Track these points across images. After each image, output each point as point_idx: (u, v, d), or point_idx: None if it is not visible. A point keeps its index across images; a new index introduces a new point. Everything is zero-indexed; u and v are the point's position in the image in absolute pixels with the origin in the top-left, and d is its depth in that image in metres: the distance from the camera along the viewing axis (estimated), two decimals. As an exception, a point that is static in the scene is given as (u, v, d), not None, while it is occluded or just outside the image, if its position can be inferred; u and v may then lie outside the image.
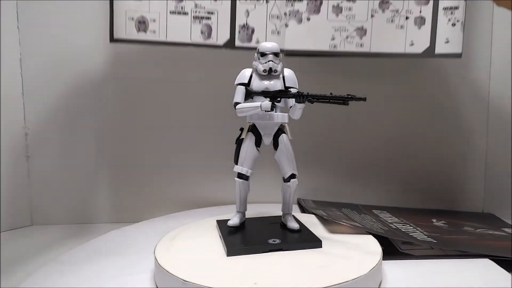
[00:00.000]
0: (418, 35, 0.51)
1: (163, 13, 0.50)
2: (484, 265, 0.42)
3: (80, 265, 0.43)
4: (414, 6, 0.51)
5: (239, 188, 0.44)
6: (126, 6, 0.50)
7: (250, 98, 0.43)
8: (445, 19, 0.51)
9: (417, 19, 0.51)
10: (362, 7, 0.52)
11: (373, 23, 0.52)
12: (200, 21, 0.51)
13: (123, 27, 0.50)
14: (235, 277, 0.35)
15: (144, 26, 0.50)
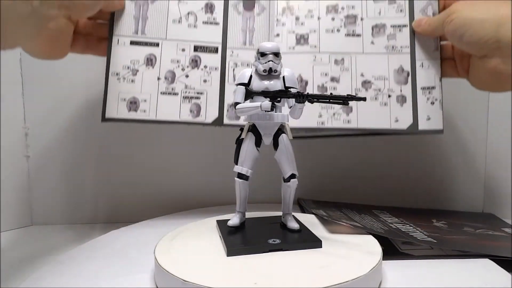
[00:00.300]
0: (401, 112, 0.53)
1: (154, 94, 0.53)
2: (484, 265, 0.42)
3: (80, 265, 0.43)
4: (394, 85, 0.54)
5: (239, 188, 0.44)
6: (119, 87, 0.52)
7: (250, 98, 0.43)
8: (424, 98, 0.53)
9: (399, 97, 0.53)
10: (346, 86, 0.54)
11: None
12: (190, 101, 0.53)
13: (115, 107, 0.52)
14: (235, 277, 0.35)
15: (135, 106, 0.52)
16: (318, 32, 0.55)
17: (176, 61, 0.54)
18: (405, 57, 0.54)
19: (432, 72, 0.54)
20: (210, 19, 0.55)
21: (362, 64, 0.54)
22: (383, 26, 0.55)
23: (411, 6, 0.54)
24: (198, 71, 0.54)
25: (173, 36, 0.54)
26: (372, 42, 0.55)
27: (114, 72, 0.52)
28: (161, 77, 0.53)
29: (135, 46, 0.53)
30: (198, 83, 0.53)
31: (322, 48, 0.55)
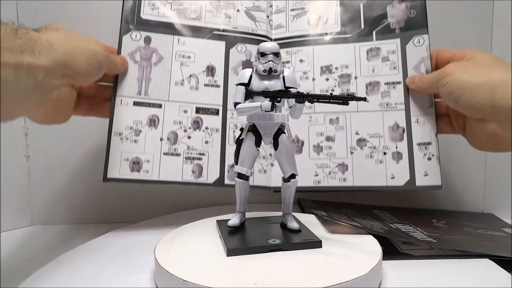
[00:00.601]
0: (397, 169, 0.53)
1: (157, 154, 0.53)
2: (484, 265, 0.42)
3: (80, 265, 0.43)
4: (390, 142, 0.54)
5: (239, 188, 0.44)
6: (122, 147, 0.52)
7: (250, 98, 0.43)
8: (420, 154, 0.53)
9: (394, 154, 0.54)
10: (341, 145, 0.55)
11: (353, 159, 0.54)
12: (192, 162, 0.54)
13: (117, 167, 0.52)
14: (235, 277, 0.35)
15: (138, 166, 0.52)
16: (313, 91, 0.57)
17: (178, 122, 0.54)
18: (400, 113, 0.54)
19: (428, 128, 0.53)
20: (211, 81, 0.56)
21: (356, 122, 0.55)
22: (377, 84, 0.55)
23: (404, 63, 0.55)
24: (200, 132, 0.55)
25: (175, 97, 0.55)
26: (366, 100, 0.55)
27: (117, 132, 0.53)
28: (164, 137, 0.54)
29: (138, 107, 0.54)
30: (200, 144, 0.54)
31: (317, 109, 0.56)
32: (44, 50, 0.37)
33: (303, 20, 0.59)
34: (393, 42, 0.56)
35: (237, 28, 0.58)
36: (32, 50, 0.36)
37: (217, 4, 0.58)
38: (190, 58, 0.56)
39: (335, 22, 0.58)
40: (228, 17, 0.58)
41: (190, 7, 0.57)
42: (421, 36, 0.55)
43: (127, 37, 0.55)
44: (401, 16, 0.56)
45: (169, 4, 0.57)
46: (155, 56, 0.55)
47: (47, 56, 0.37)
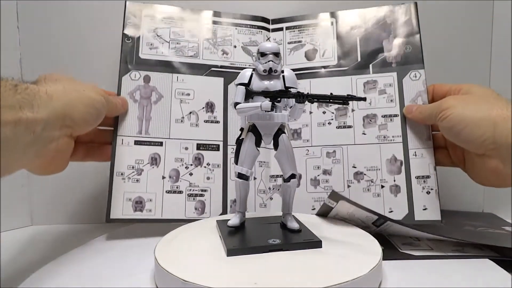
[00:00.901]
0: (395, 203, 0.53)
1: (159, 193, 0.53)
2: (484, 265, 0.42)
3: (80, 265, 0.43)
4: (387, 175, 0.54)
5: (239, 188, 0.44)
6: (124, 187, 0.53)
7: (250, 98, 0.43)
8: (419, 187, 0.53)
9: (392, 187, 0.53)
10: (338, 178, 0.55)
11: (350, 192, 0.54)
12: (194, 198, 0.54)
13: (120, 207, 0.52)
14: (235, 277, 0.35)
15: (141, 206, 0.53)
16: (310, 126, 0.57)
17: (179, 159, 0.55)
18: (398, 146, 0.54)
19: (426, 161, 0.53)
20: (211, 117, 0.57)
21: (353, 155, 0.55)
22: (374, 117, 0.56)
23: (401, 96, 0.55)
24: (201, 168, 0.55)
25: (176, 135, 0.55)
26: (363, 132, 0.55)
27: (119, 172, 0.53)
28: (166, 175, 0.54)
29: (140, 145, 0.54)
30: (201, 180, 0.55)
31: (314, 142, 0.57)
32: (43, 103, 0.37)
33: (300, 53, 0.60)
34: (390, 76, 0.56)
35: (234, 64, 0.59)
36: (32, 104, 0.36)
37: (214, 42, 0.59)
38: (189, 95, 0.56)
39: (332, 55, 0.59)
40: (225, 53, 0.59)
41: (188, 45, 0.58)
42: (417, 70, 0.55)
43: (126, 77, 0.55)
44: (397, 51, 0.57)
45: (167, 43, 0.58)
46: (154, 95, 0.56)
47: (46, 109, 0.38)
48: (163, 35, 0.58)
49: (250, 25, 0.61)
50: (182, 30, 0.59)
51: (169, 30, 0.58)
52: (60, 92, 0.40)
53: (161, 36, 0.57)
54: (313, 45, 0.60)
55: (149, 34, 0.57)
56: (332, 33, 0.60)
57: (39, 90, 0.38)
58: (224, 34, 0.60)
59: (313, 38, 0.60)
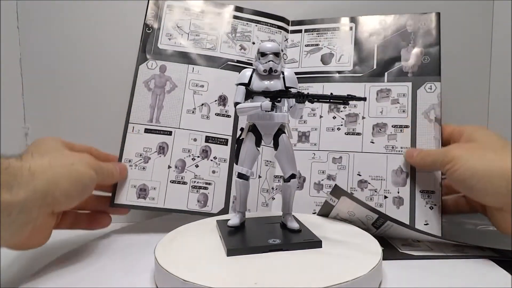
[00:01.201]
0: (397, 215, 0.51)
1: (164, 182, 0.54)
2: (484, 265, 0.42)
3: (80, 265, 0.43)
4: (391, 186, 0.53)
5: (239, 188, 0.44)
6: (130, 174, 0.53)
7: (251, 98, 0.43)
8: (422, 202, 0.52)
9: (396, 199, 0.52)
10: (342, 185, 0.54)
11: None
12: (198, 191, 0.54)
13: (125, 193, 0.53)
14: (235, 277, 0.35)
15: (144, 194, 0.53)
16: (319, 130, 0.57)
17: (187, 150, 0.55)
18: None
19: (432, 176, 0.52)
20: (222, 111, 0.57)
21: (359, 162, 0.55)
22: (384, 126, 0.55)
23: (414, 108, 0.54)
24: (208, 161, 0.55)
25: (186, 125, 0.55)
26: (372, 141, 0.55)
27: (127, 159, 0.54)
28: (172, 165, 0.54)
29: (149, 134, 0.54)
30: (207, 173, 0.55)
31: (321, 146, 0.56)
32: (24, 182, 0.36)
33: (317, 57, 0.60)
34: (405, 85, 0.55)
35: (251, 60, 0.58)
36: (11, 185, 0.35)
37: (233, 36, 0.59)
38: (203, 87, 0.57)
39: (348, 60, 0.59)
40: (243, 48, 0.59)
41: (207, 37, 0.58)
42: (433, 83, 0.54)
43: (143, 66, 0.56)
44: (414, 61, 0.56)
45: (186, 34, 0.58)
46: (168, 84, 0.56)
47: (26, 189, 0.36)
48: (183, 27, 0.58)
49: (270, 23, 0.61)
50: (203, 23, 0.59)
51: (190, 22, 0.59)
52: (44, 167, 0.38)
53: (181, 28, 0.58)
54: (330, 49, 0.60)
55: (170, 24, 0.58)
56: (350, 38, 0.60)
57: (22, 167, 0.37)
58: (244, 29, 0.60)
59: (330, 42, 0.60)
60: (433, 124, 0.53)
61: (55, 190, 0.38)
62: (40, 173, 0.38)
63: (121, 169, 0.52)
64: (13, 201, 0.35)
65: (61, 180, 0.39)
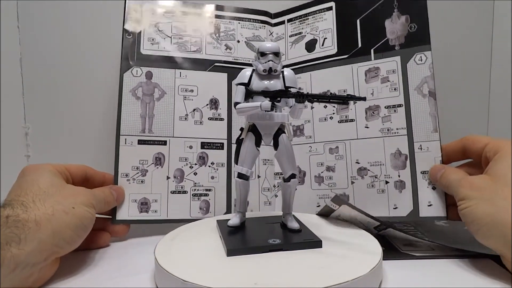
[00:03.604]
0: (400, 199, 0.51)
1: (164, 193, 0.53)
2: (484, 265, 0.42)
3: (80, 265, 0.43)
4: (392, 171, 0.52)
5: (239, 188, 0.44)
6: (129, 188, 0.53)
7: (250, 98, 0.43)
8: (424, 183, 0.50)
9: (397, 183, 0.51)
10: (342, 175, 0.54)
11: (354, 189, 0.53)
12: (199, 198, 0.54)
13: (126, 208, 0.52)
14: (235, 277, 0.35)
15: (146, 207, 0.53)
16: (312, 122, 0.56)
17: (184, 159, 0.54)
18: (402, 139, 0.51)
19: (432, 155, 0.50)
20: (215, 115, 0.56)
21: (356, 150, 0.54)
22: (377, 108, 0.53)
23: (406, 84, 0.52)
24: (206, 168, 0.55)
25: (180, 133, 0.55)
26: (366, 126, 0.53)
27: (124, 174, 0.53)
28: (171, 176, 0.54)
29: (143, 145, 0.53)
30: (206, 180, 0.54)
31: (316, 138, 0.56)
32: (31, 234, 0.36)
33: (301, 46, 0.59)
34: (393, 61, 0.53)
35: (238, 59, 0.58)
36: (19, 239, 0.35)
37: (217, 36, 0.58)
38: (193, 91, 0.56)
39: (332, 43, 0.57)
40: (229, 48, 0.58)
41: (190, 39, 0.57)
42: (423, 53, 0.51)
43: (128, 74, 0.54)
44: (401, 31, 0.53)
45: (168, 38, 0.57)
46: (157, 91, 0.55)
47: (32, 242, 0.36)
48: (165, 30, 0.57)
49: (253, 19, 0.60)
50: (184, 25, 0.57)
51: (171, 24, 0.57)
52: (48, 216, 0.38)
53: (163, 31, 0.57)
54: (313, 35, 0.58)
55: (150, 29, 0.56)
56: (332, 18, 0.57)
57: (28, 220, 0.36)
58: (227, 28, 0.59)
59: (313, 28, 0.59)
60: (428, 99, 0.51)
61: (59, 239, 0.38)
62: (45, 224, 0.37)
63: (118, 194, 0.51)
64: (21, 255, 0.35)
65: (65, 229, 0.39)
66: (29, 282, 0.37)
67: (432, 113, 0.51)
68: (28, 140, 0.63)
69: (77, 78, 0.64)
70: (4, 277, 0.34)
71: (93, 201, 0.44)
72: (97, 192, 0.47)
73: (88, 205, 0.43)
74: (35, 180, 0.42)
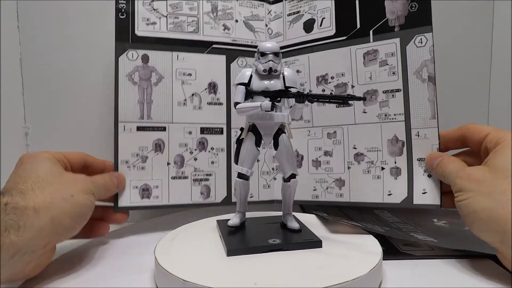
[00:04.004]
0: (395, 185, 0.50)
1: (165, 179, 0.53)
2: (484, 265, 0.42)
3: (80, 265, 0.43)
4: (388, 157, 0.51)
5: (239, 188, 0.44)
6: (130, 175, 0.52)
7: (250, 98, 0.43)
8: (420, 170, 0.50)
9: (393, 169, 0.51)
10: (339, 160, 0.54)
11: (350, 174, 0.53)
12: (200, 183, 0.54)
13: (128, 195, 0.52)
14: (235, 277, 0.35)
15: (148, 193, 0.53)
16: (311, 106, 0.56)
17: (184, 144, 0.54)
18: (400, 125, 0.51)
19: (429, 142, 0.49)
20: (214, 99, 0.56)
21: (354, 135, 0.53)
22: (375, 93, 0.52)
23: (404, 67, 0.50)
24: (206, 153, 0.55)
25: (179, 119, 0.54)
26: (364, 111, 0.53)
27: (124, 161, 0.52)
28: (171, 162, 0.54)
29: (142, 131, 0.53)
30: (206, 165, 0.55)
31: (315, 122, 0.56)
32: (30, 222, 0.36)
33: (299, 26, 0.58)
34: (392, 43, 0.51)
35: (236, 41, 0.57)
36: (18, 226, 0.35)
37: (215, 16, 0.57)
38: (191, 75, 0.55)
39: (330, 24, 0.55)
40: (227, 28, 0.57)
41: (187, 19, 0.56)
42: (423, 35, 0.49)
43: (123, 57, 0.53)
44: (401, 11, 0.50)
45: (164, 18, 0.55)
46: (154, 76, 0.54)
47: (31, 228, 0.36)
48: (160, 9, 0.55)
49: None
50: (180, 3, 0.55)
51: (166, 2, 0.55)
52: (47, 204, 0.38)
53: (158, 10, 0.55)
54: (311, 15, 0.57)
55: (144, 7, 0.54)
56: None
57: (27, 207, 0.36)
58: (225, 6, 0.57)
59: (311, 6, 0.57)
60: (427, 84, 0.49)
61: (58, 227, 0.39)
62: (44, 211, 0.37)
63: (118, 180, 0.51)
64: (20, 242, 0.35)
65: (64, 217, 0.39)
66: (28, 270, 0.37)
67: (431, 99, 0.49)
68: (28, 140, 0.63)
69: (77, 79, 0.64)
70: (4, 264, 0.34)
71: (92, 188, 0.44)
72: (97, 179, 0.47)
73: (87, 192, 0.43)
74: (33, 168, 0.42)
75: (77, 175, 0.45)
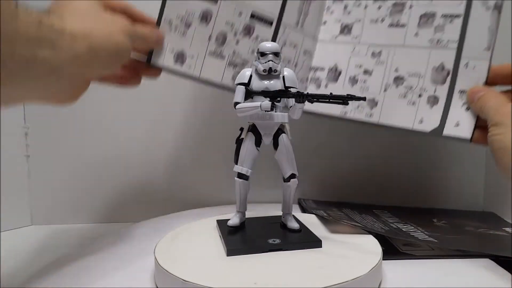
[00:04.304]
0: (428, 114, 0.49)
1: (202, 53, 0.51)
2: (484, 265, 0.42)
3: (80, 265, 0.43)
4: (429, 84, 0.49)
5: (239, 188, 0.44)
6: (169, 37, 0.50)
7: (250, 98, 0.43)
8: (459, 102, 0.48)
9: (431, 98, 0.49)
10: (377, 80, 0.52)
11: (385, 96, 0.51)
12: (234, 68, 0.52)
13: (162, 55, 0.50)
14: (235, 277, 0.35)
15: (182, 59, 0.50)
16: (363, 22, 0.53)
17: (230, 24, 0.51)
18: (450, 53, 0.48)
19: (476, 75, 0.47)
20: None
21: (399, 58, 0.51)
22: (433, 16, 0.49)
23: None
24: (249, 41, 0.52)
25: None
26: (416, 33, 0.50)
27: (167, 19, 0.49)
28: (213, 37, 0.51)
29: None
30: (246, 52, 0.52)
31: (362, 40, 0.53)
32: (66, 45, 0.35)
33: None
34: None
35: None
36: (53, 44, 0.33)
37: None
38: None
39: None
40: None
41: None
42: None
43: None
44: None
45: None
46: None
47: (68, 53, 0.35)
48: None
49: None
50: None
51: None
52: (86, 34, 0.36)
53: None
54: None
55: None
56: None
57: (64, 31, 0.34)
58: None
59: None
60: (491, 12, 0.46)
61: (94, 60, 0.37)
62: (81, 39, 0.36)
63: (158, 36, 0.49)
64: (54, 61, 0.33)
65: (101, 51, 0.38)
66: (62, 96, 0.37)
67: (491, 28, 0.46)
68: (28, 140, 0.63)
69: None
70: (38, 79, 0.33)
71: (132, 33, 0.43)
72: (137, 26, 0.45)
73: (126, 34, 0.42)
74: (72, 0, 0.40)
75: (118, 17, 0.43)
